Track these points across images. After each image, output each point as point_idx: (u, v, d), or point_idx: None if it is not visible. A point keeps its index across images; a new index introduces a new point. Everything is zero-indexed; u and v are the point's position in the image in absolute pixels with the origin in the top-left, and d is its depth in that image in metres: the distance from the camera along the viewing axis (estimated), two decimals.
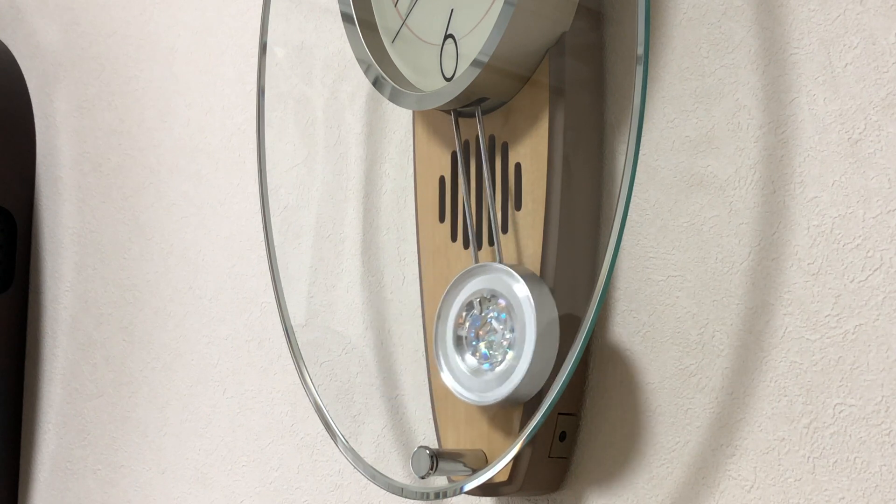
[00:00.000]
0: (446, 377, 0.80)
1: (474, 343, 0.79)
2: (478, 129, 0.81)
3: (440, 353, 0.80)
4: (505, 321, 0.77)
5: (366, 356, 0.95)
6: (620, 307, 0.80)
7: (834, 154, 0.72)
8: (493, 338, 0.78)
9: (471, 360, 0.79)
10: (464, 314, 0.79)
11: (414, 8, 0.85)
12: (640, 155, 0.75)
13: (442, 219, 0.85)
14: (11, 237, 1.24)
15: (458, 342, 0.79)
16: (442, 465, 0.78)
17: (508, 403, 0.77)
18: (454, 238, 0.84)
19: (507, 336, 0.77)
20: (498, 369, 0.77)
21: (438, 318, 0.80)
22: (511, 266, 0.78)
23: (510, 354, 0.77)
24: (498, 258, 0.79)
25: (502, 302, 0.77)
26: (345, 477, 0.96)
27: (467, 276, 0.79)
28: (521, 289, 0.76)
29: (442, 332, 0.80)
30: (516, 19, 0.76)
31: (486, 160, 0.81)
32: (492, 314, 0.78)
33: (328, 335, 0.98)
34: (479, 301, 0.78)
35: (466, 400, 0.79)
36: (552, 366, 0.76)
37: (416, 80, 0.84)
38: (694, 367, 0.76)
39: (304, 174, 1.01)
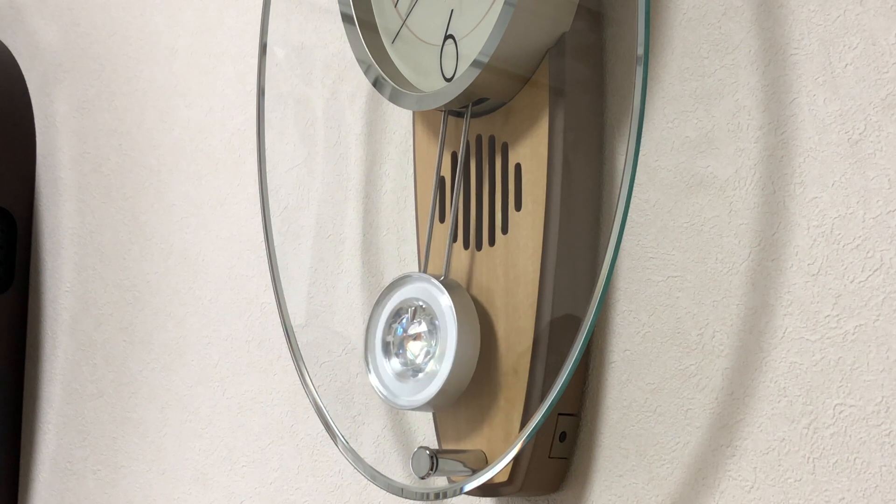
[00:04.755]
0: (373, 380, 0.82)
1: (400, 349, 0.82)
2: (463, 129, 0.81)
3: (369, 356, 0.83)
4: (429, 330, 0.80)
5: None
6: (620, 307, 0.80)
7: (834, 154, 0.72)
8: (417, 345, 0.81)
9: (396, 364, 0.82)
10: (392, 321, 0.82)
11: (414, 8, 0.85)
12: (640, 155, 0.75)
13: (442, 219, 0.85)
14: (11, 237, 1.24)
15: (386, 347, 0.82)
16: (442, 465, 0.78)
17: (429, 408, 0.80)
18: (454, 238, 0.84)
19: (431, 345, 0.80)
20: (420, 375, 0.80)
21: (369, 323, 0.83)
22: (436, 277, 0.80)
23: (432, 363, 0.79)
24: (444, 271, 0.81)
25: (427, 311, 0.80)
26: (345, 477, 0.96)
27: (397, 284, 0.82)
28: (444, 300, 0.79)
29: (371, 337, 0.83)
30: (516, 20, 0.76)
31: (462, 161, 0.81)
32: (417, 322, 0.81)
33: (328, 336, 0.98)
34: (411, 309, 0.81)
35: (390, 404, 0.81)
36: (471, 375, 0.79)
37: (416, 81, 0.84)
38: (694, 368, 0.76)
39: (304, 175, 1.01)
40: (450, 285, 0.80)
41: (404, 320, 0.81)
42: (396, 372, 0.81)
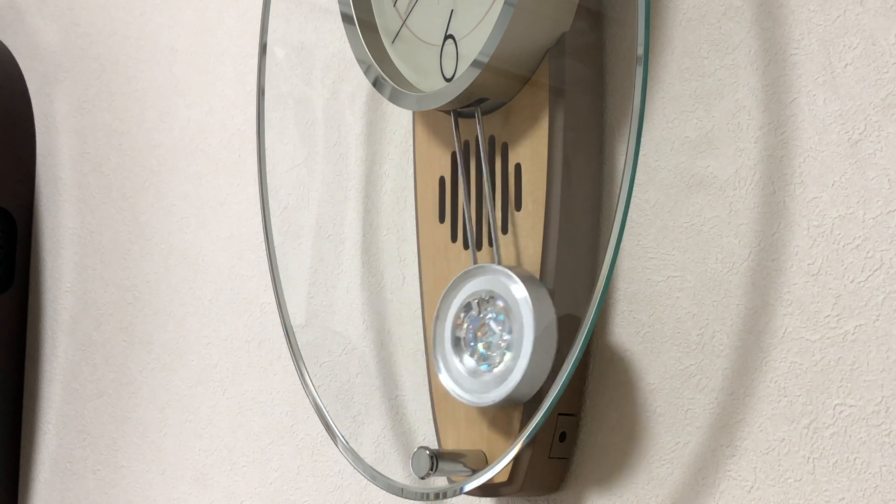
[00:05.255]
0: (444, 378, 0.80)
1: (472, 344, 0.79)
2: (477, 129, 0.81)
3: (438, 354, 0.80)
4: (503, 322, 0.77)
5: (365, 357, 0.95)
6: (620, 308, 0.80)
7: (834, 154, 0.72)
8: (491, 339, 0.78)
9: (469, 361, 0.79)
10: (462, 315, 0.79)
11: (413, 8, 0.85)
12: (640, 155, 0.75)
13: (442, 219, 0.85)
14: (11, 237, 1.24)
15: (457, 343, 0.79)
16: (442, 465, 0.78)
17: (506, 404, 0.77)
18: (454, 238, 0.84)
19: (505, 337, 0.77)
20: (496, 370, 0.77)
21: (437, 319, 0.80)
22: (509, 267, 0.78)
23: (508, 356, 0.77)
24: (496, 259, 0.79)
25: (500, 303, 0.77)
26: (345, 477, 0.96)
27: (466, 276, 0.79)
28: (518, 290, 0.76)
29: (440, 334, 0.80)
30: (516, 20, 0.76)
31: (485, 161, 0.81)
32: (490, 315, 0.78)
33: (328, 336, 0.98)
34: (478, 302, 0.78)
35: (464, 401, 0.79)
36: (550, 367, 0.76)
37: (416, 81, 0.84)
38: (694, 368, 0.76)
39: (304, 175, 1.01)
40: (521, 274, 0.77)
41: (473, 314, 0.79)
42: (470, 369, 0.79)
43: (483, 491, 0.81)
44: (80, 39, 1.23)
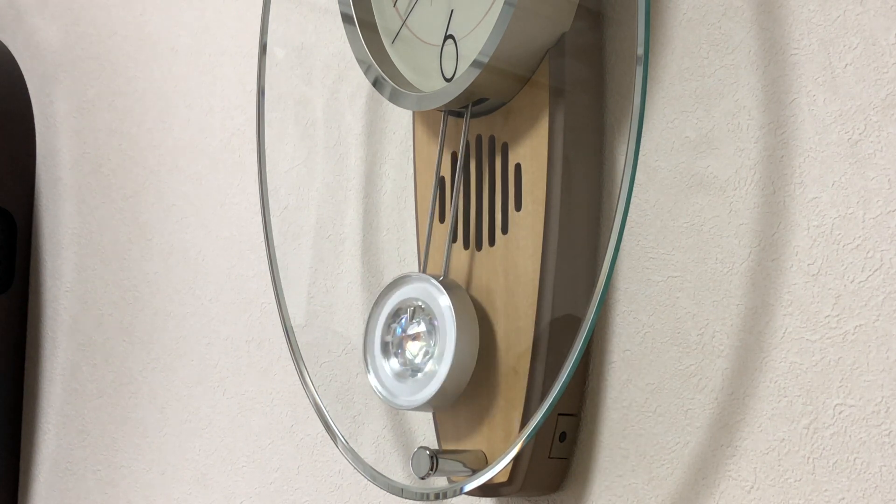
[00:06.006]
0: (372, 379, 0.82)
1: (399, 349, 0.82)
2: (463, 129, 0.81)
3: (368, 356, 0.83)
4: (428, 330, 0.80)
5: None
6: (620, 308, 0.80)
7: (834, 154, 0.72)
8: (415, 345, 0.81)
9: (395, 364, 0.82)
10: (391, 321, 0.82)
11: (413, 8, 0.85)
12: (640, 155, 0.75)
13: (442, 219, 0.85)
14: (11, 237, 1.24)
15: (385, 347, 0.82)
16: (442, 465, 0.78)
17: (427, 409, 0.80)
18: (454, 238, 0.84)
19: (430, 345, 0.80)
20: (419, 375, 0.80)
21: (368, 323, 0.83)
22: (436, 277, 0.80)
23: (430, 363, 0.80)
24: (443, 271, 0.82)
25: (427, 311, 0.80)
26: (345, 477, 0.96)
27: (397, 284, 0.82)
28: (444, 300, 0.79)
29: (371, 337, 0.83)
30: (516, 20, 0.76)
31: (460, 161, 0.81)
32: (417, 322, 0.81)
33: (328, 336, 0.98)
34: (412, 309, 0.81)
35: (388, 403, 0.81)
36: (470, 375, 0.79)
37: (416, 81, 0.84)
38: (694, 368, 0.76)
39: (304, 175, 1.01)
40: (449, 285, 0.80)
41: (403, 320, 0.82)
42: (395, 372, 0.82)
43: (483, 491, 0.81)
44: (80, 39, 1.23)
